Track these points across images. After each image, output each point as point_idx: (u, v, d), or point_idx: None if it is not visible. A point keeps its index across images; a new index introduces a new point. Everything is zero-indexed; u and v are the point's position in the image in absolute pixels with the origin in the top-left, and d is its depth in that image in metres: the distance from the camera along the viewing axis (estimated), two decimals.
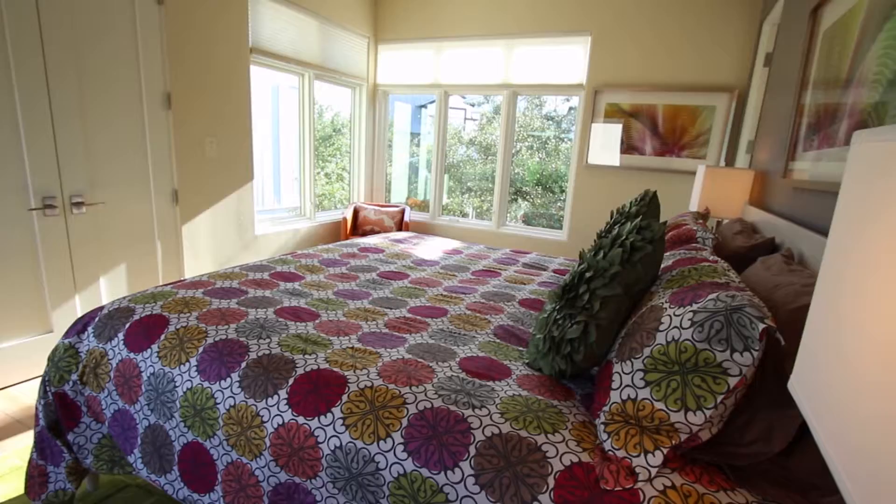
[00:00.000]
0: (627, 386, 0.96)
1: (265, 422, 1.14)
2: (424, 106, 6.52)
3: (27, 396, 2.31)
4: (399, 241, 2.85)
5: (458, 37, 4.24)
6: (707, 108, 3.48)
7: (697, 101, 3.49)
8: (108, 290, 2.70)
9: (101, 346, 1.44)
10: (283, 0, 3.51)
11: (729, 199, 2.56)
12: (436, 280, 2.10)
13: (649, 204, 2.02)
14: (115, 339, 1.43)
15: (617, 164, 3.81)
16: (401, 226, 4.32)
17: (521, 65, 4.06)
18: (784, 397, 0.90)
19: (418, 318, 1.62)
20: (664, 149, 3.65)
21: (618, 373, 1.00)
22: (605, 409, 0.99)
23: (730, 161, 3.46)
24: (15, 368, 2.37)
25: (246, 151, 3.39)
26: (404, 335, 1.47)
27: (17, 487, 1.71)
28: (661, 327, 0.95)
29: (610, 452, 0.93)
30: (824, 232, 1.47)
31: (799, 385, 0.56)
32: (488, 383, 1.19)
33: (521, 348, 1.47)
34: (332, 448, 1.06)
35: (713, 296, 0.91)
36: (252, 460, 1.16)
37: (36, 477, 1.54)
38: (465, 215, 6.32)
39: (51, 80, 2.30)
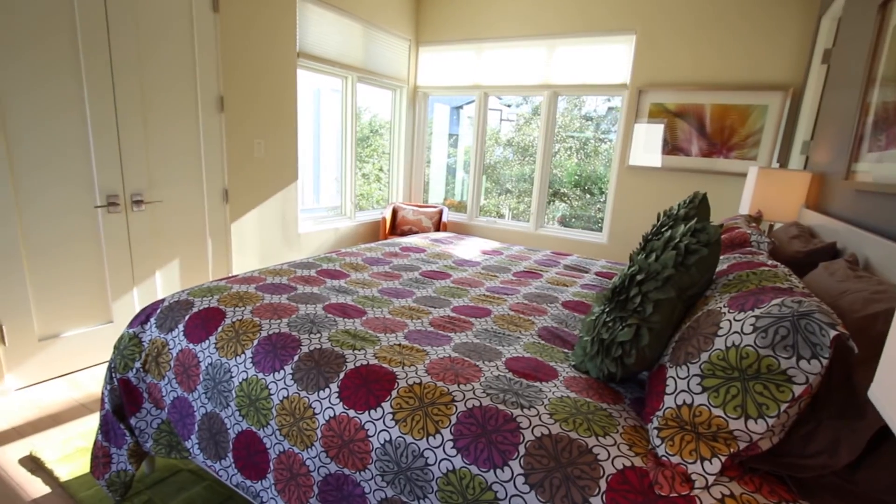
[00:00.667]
0: (683, 391, 0.94)
1: (317, 414, 1.17)
2: (461, 107, 6.54)
3: (90, 382, 2.46)
4: (439, 241, 2.88)
5: (498, 38, 4.23)
6: (758, 108, 3.35)
7: (748, 101, 3.36)
8: (163, 283, 2.84)
9: (162, 336, 1.52)
10: (329, 5, 3.60)
11: (783, 202, 2.46)
12: (477, 280, 2.11)
13: (699, 206, 1.96)
14: (176, 329, 1.50)
15: (660, 165, 3.71)
16: (439, 226, 4.35)
17: (563, 65, 4.02)
18: (852, 408, 0.86)
19: (462, 317, 1.63)
20: (711, 150, 3.53)
21: (672, 377, 0.98)
22: (659, 413, 0.97)
23: (783, 162, 3.31)
24: (78, 355, 2.53)
25: (291, 152, 3.50)
26: (449, 334, 1.49)
27: (82, 467, 1.82)
28: (720, 332, 0.92)
29: (664, 458, 0.92)
30: (893, 236, 1.39)
31: (882, 393, 0.54)
32: (535, 384, 1.19)
33: (566, 350, 1.46)
34: (382, 442, 1.08)
35: (777, 301, 0.88)
36: (303, 450, 1.19)
37: (100, 457, 1.63)
38: (501, 216, 6.29)
39: (116, 87, 2.44)
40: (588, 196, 6.01)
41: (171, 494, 1.72)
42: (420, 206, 4.52)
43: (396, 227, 4.42)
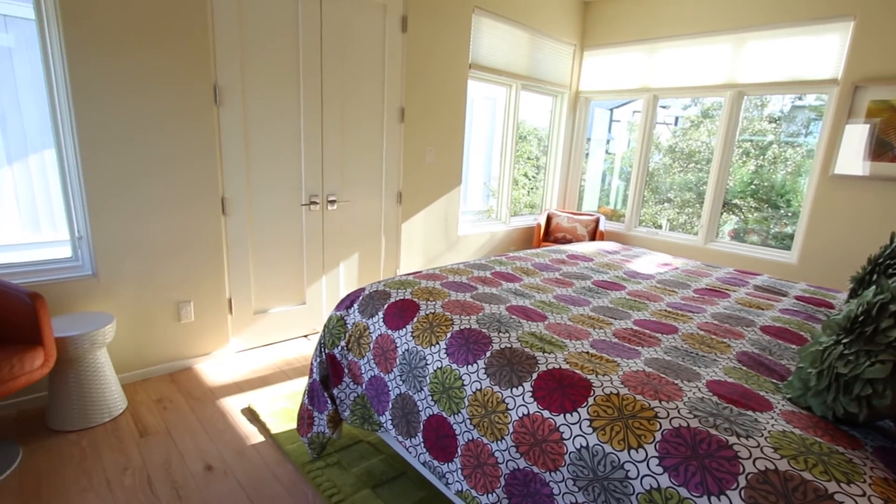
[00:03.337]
0: None
1: (510, 409, 1.23)
2: (611, 110, 6.25)
3: (287, 352, 2.89)
4: (606, 251, 2.79)
5: (674, 36, 3.96)
6: None
7: None
8: (345, 274, 3.22)
9: (364, 320, 1.73)
10: (501, 17, 3.73)
11: None
12: (655, 294, 2.00)
13: None
14: (376, 316, 1.70)
15: (868, 174, 3.11)
16: (594, 235, 4.22)
17: (752, 61, 3.60)
18: None
19: (647, 331, 1.57)
20: None
21: None
22: None
23: None
24: (279, 329, 2.99)
25: (458, 159, 3.70)
26: (636, 347, 1.44)
27: (286, 423, 2.15)
28: None
29: None
30: None
31: None
32: (748, 412, 1.09)
33: (774, 380, 1.31)
34: (578, 447, 1.09)
35: None
36: (493, 442, 1.26)
37: (305, 418, 1.91)
38: (658, 227, 5.87)
39: (324, 104, 2.84)
40: (770, 208, 5.28)
41: (355, 461, 1.94)
42: (575, 214, 4.43)
43: (550, 233, 4.40)
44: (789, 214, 4.69)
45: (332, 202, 3.01)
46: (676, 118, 6.56)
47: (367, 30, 2.95)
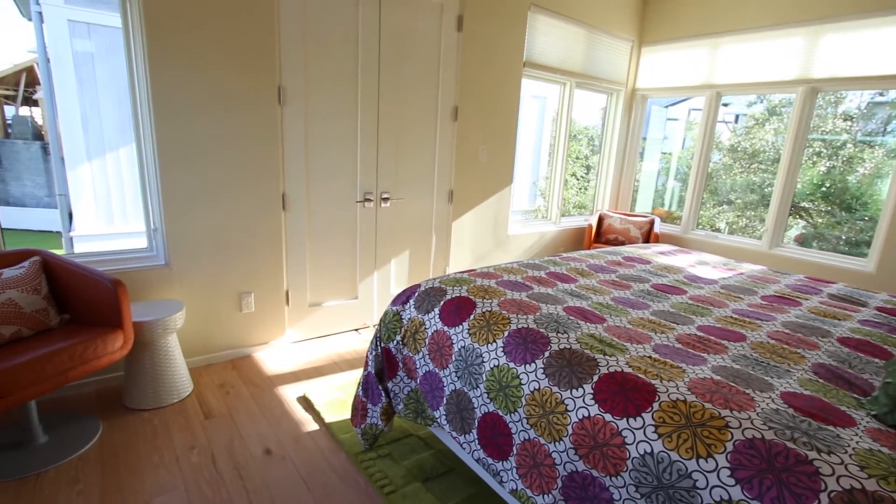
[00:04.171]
0: None
1: (569, 411, 1.21)
2: (666, 107, 6.01)
3: (339, 344, 2.98)
4: (663, 253, 2.70)
5: (740, 30, 3.76)
6: None
7: None
8: (396, 271, 3.27)
9: (420, 316, 1.76)
10: (557, 14, 3.67)
11: None
12: (719, 300, 1.92)
13: None
14: (432, 312, 1.72)
15: None
16: (648, 237, 4.08)
17: (828, 55, 3.37)
18: None
19: (712, 338, 1.51)
20: None
21: None
22: None
23: None
24: (333, 322, 3.08)
25: (510, 158, 3.68)
26: (701, 354, 1.39)
27: (339, 413, 2.21)
28: None
29: None
30: None
31: None
32: (828, 427, 1.03)
33: (855, 395, 1.23)
34: (642, 452, 1.06)
35: None
36: (550, 443, 1.25)
37: (359, 410, 1.96)
38: (717, 230, 5.61)
39: (381, 103, 2.90)
40: (842, 212, 4.93)
41: (405, 454, 1.97)
42: (628, 215, 4.31)
43: (602, 234, 4.30)
44: (865, 219, 4.36)
45: (386, 199, 3.07)
46: (737, 116, 6.23)
47: (424, 29, 2.98)
